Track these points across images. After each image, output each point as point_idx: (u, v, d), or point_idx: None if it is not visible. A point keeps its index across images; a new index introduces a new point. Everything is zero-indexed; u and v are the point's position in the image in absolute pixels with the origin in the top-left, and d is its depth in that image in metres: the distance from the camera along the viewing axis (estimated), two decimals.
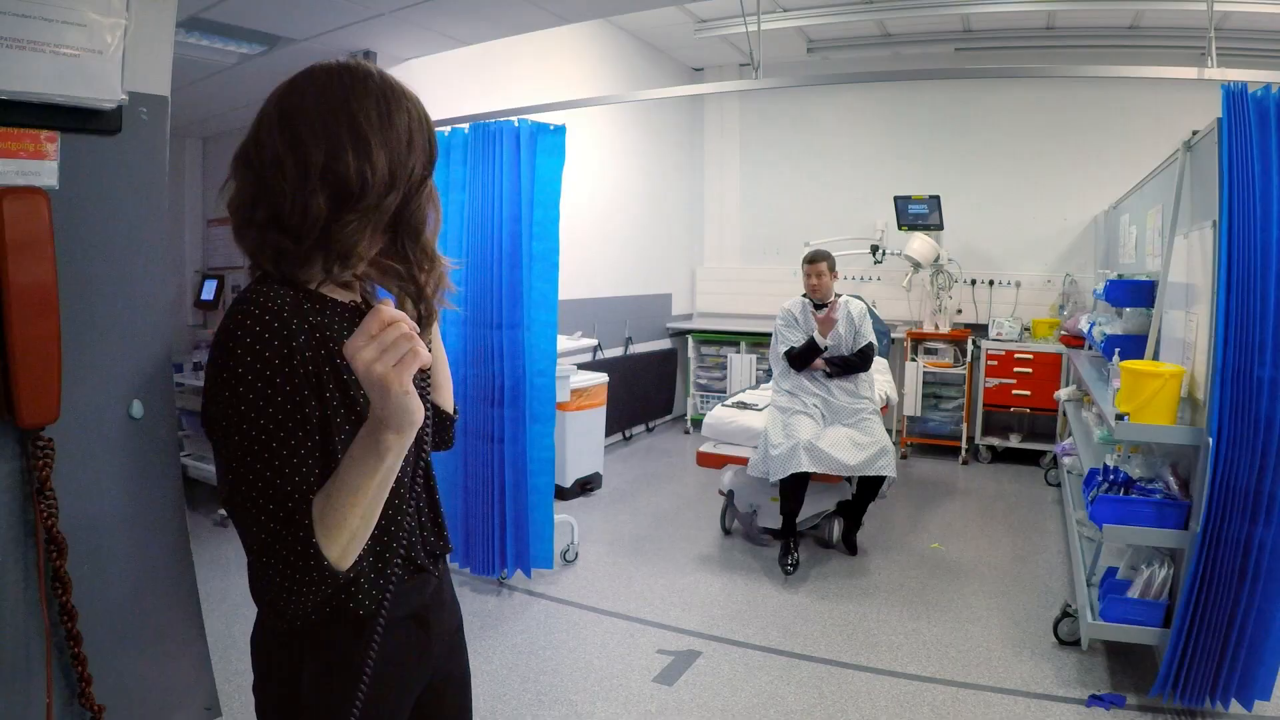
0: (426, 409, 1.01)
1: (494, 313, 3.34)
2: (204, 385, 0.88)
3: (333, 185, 0.89)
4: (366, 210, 0.90)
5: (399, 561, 0.99)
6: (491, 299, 3.34)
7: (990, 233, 6.25)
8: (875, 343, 3.98)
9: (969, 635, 3.11)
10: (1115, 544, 2.86)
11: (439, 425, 1.16)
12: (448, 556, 1.18)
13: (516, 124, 3.30)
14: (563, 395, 4.46)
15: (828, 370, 3.87)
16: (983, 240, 6.27)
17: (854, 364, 3.90)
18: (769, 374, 4.22)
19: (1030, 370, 5.68)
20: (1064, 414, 5.16)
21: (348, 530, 0.84)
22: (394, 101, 0.93)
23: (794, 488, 3.73)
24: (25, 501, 1.68)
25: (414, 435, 0.84)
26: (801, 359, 3.87)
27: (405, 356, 0.78)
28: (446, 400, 1.17)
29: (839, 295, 3.98)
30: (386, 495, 0.86)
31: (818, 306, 3.93)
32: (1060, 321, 5.79)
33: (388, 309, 0.79)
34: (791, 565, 3.74)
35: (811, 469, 3.62)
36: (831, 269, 3.92)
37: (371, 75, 0.94)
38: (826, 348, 3.83)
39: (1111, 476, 2.80)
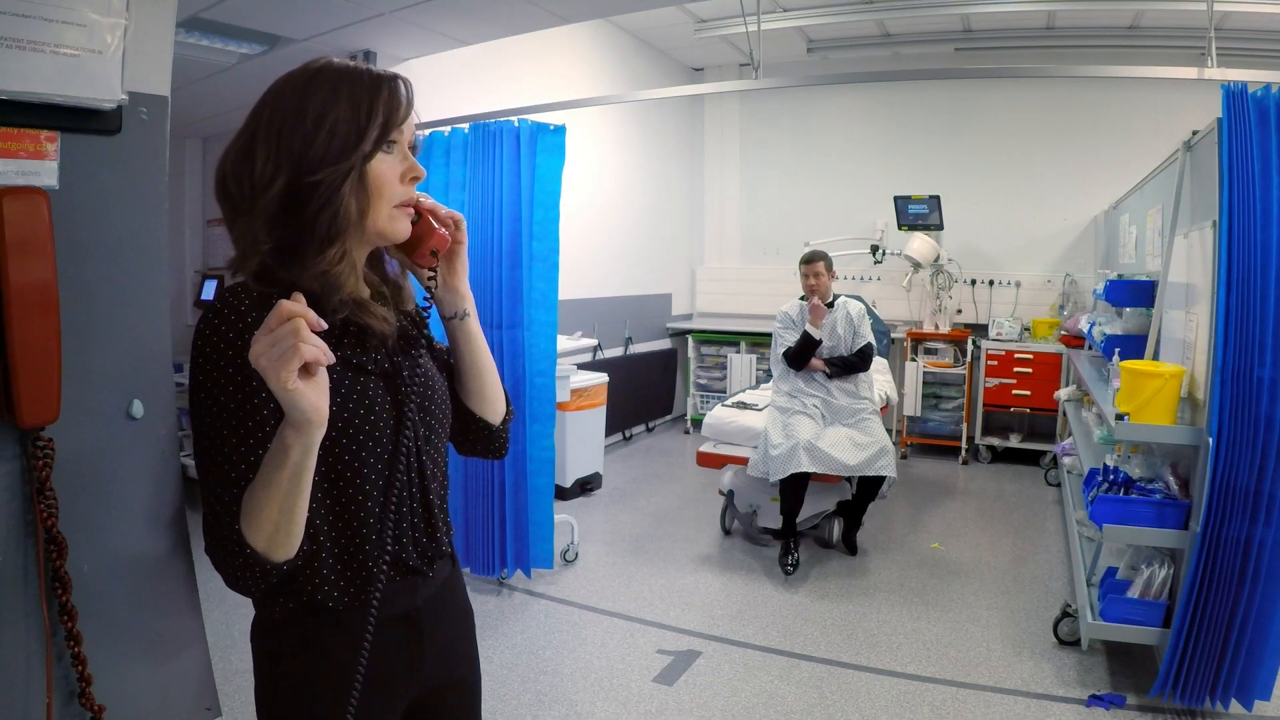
0: (412, 410, 1.01)
1: (494, 313, 3.34)
2: None
3: (226, 195, 0.94)
4: (244, 213, 0.92)
5: (377, 562, 0.97)
6: (491, 299, 3.34)
7: (990, 233, 6.25)
8: (874, 343, 3.98)
9: (969, 635, 3.11)
10: (1115, 544, 2.86)
11: (467, 428, 1.16)
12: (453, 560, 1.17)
13: (516, 124, 3.30)
14: (563, 395, 4.46)
15: (828, 371, 3.87)
16: (983, 240, 6.27)
17: (853, 364, 3.89)
18: (769, 374, 4.23)
19: (1030, 370, 5.68)
20: (1064, 414, 5.16)
21: (268, 522, 0.85)
22: (311, 87, 0.92)
23: (794, 488, 3.73)
24: (25, 501, 1.68)
25: (316, 434, 0.81)
26: (799, 356, 3.86)
27: (286, 352, 0.76)
28: (482, 403, 1.15)
29: (838, 296, 3.99)
30: (304, 491, 0.85)
31: None
32: (1060, 321, 5.79)
33: (288, 303, 0.78)
34: (791, 565, 3.74)
35: (812, 469, 3.62)
36: (829, 269, 3.90)
37: (310, 68, 0.95)
38: (821, 340, 3.84)
39: (1111, 476, 2.80)
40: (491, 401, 1.15)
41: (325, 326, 0.79)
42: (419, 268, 1.05)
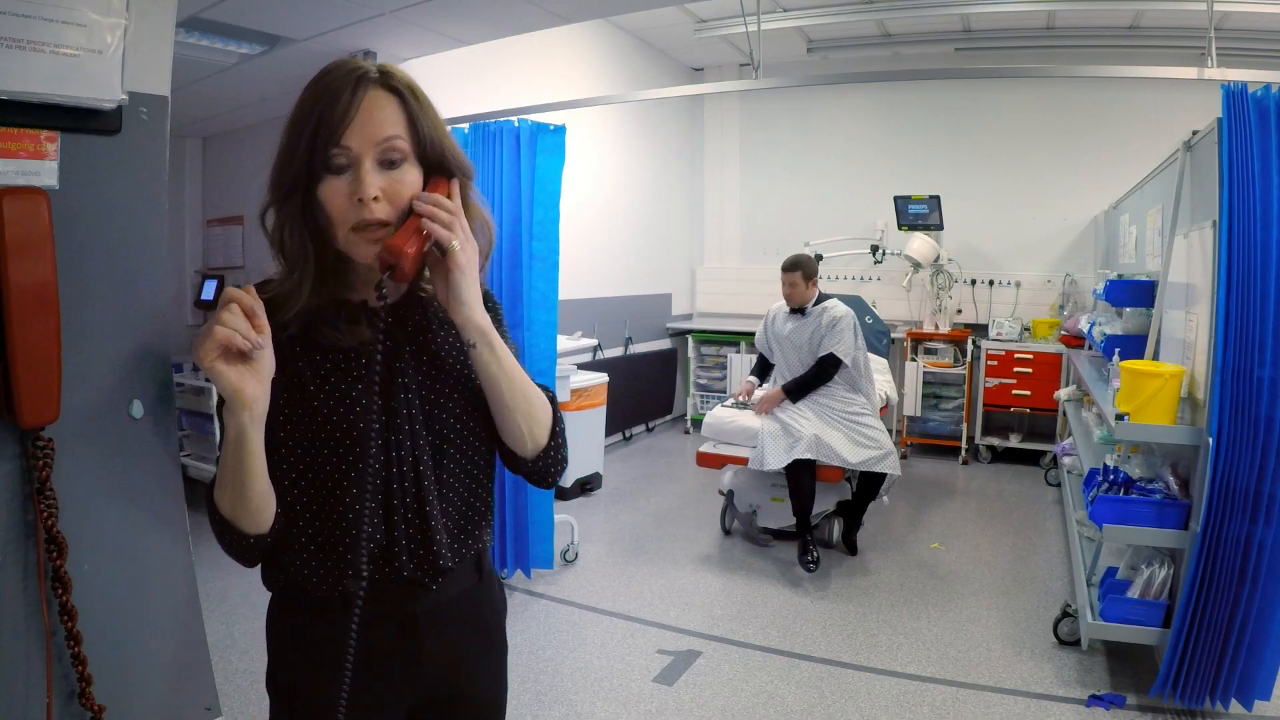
0: (404, 420, 0.99)
1: None
2: None
3: None
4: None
5: (355, 558, 0.97)
6: None
7: (990, 233, 6.25)
8: (839, 354, 3.76)
9: (969, 635, 3.11)
10: (1115, 544, 2.86)
11: (502, 451, 1.09)
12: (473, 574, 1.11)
13: (516, 124, 3.30)
14: (563, 395, 4.46)
15: (789, 399, 3.86)
16: (983, 240, 6.27)
17: (808, 383, 3.82)
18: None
19: (1030, 370, 5.68)
20: (1064, 414, 5.16)
21: (226, 492, 0.93)
22: (294, 109, 0.95)
23: (801, 482, 3.72)
24: (25, 501, 1.68)
25: (243, 416, 0.87)
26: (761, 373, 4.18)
27: (209, 331, 0.84)
28: (505, 435, 1.04)
29: (828, 297, 3.96)
30: (250, 468, 0.90)
31: (793, 312, 3.93)
32: (1060, 321, 5.79)
33: (231, 289, 0.86)
34: (813, 562, 3.72)
35: (811, 456, 3.62)
36: (808, 278, 3.83)
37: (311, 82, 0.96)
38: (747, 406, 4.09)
39: (1111, 476, 2.80)
40: (515, 436, 1.04)
41: (259, 313, 0.86)
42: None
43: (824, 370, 3.81)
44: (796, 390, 3.84)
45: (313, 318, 0.98)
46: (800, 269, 3.83)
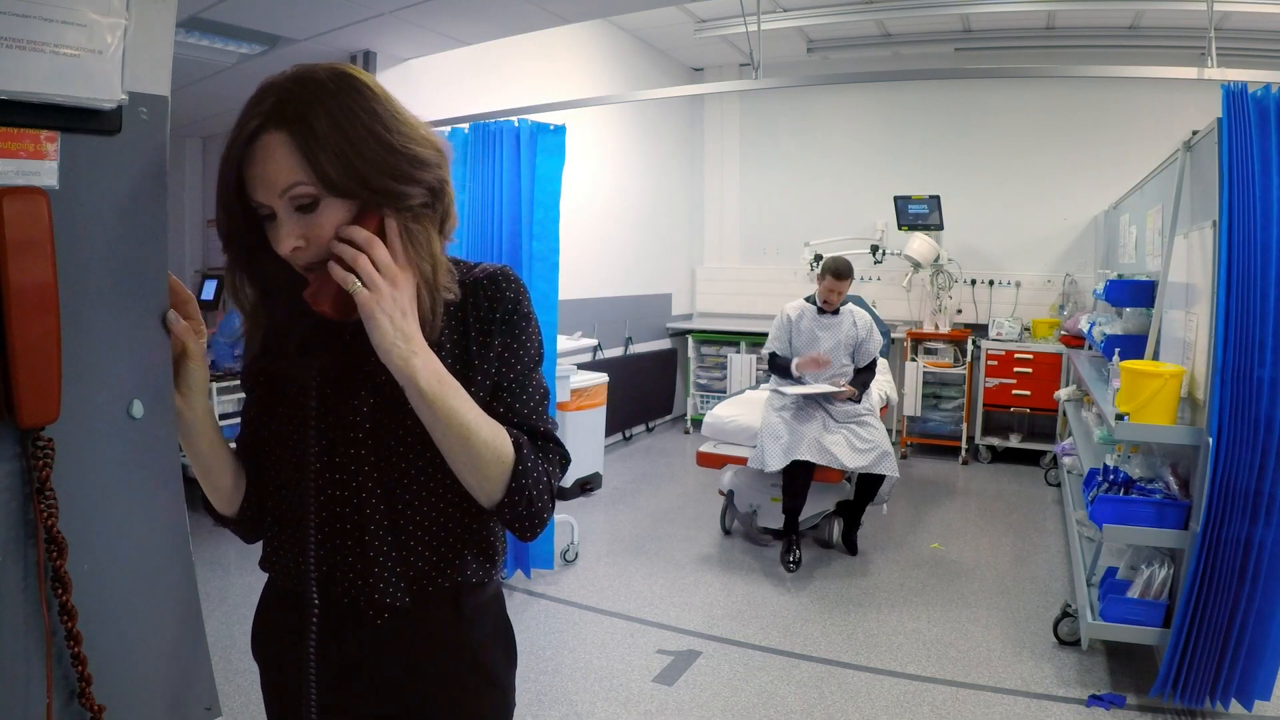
0: (345, 444, 0.95)
1: None
2: None
3: None
4: None
5: (304, 565, 0.98)
6: None
7: (990, 233, 6.25)
8: (878, 355, 4.06)
9: (969, 635, 3.11)
10: (1115, 544, 2.86)
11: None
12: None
13: (516, 124, 3.30)
14: (563, 395, 4.46)
15: (856, 398, 3.89)
16: (983, 240, 6.27)
17: (868, 381, 4.00)
18: (769, 374, 4.25)
19: (1030, 370, 5.68)
20: (1064, 414, 5.16)
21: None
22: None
23: (797, 482, 3.72)
24: (25, 501, 1.68)
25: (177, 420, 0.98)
26: (779, 371, 4.00)
27: None
28: (454, 471, 0.93)
29: (845, 300, 3.98)
30: (194, 449, 1.04)
31: (821, 312, 3.93)
32: (1060, 321, 5.79)
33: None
34: (794, 563, 3.73)
35: (813, 459, 3.63)
36: (850, 283, 3.96)
37: None
38: (801, 379, 3.90)
39: (1111, 476, 2.80)
40: (466, 485, 0.94)
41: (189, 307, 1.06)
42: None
43: (874, 370, 4.03)
44: (862, 387, 3.94)
45: (283, 340, 1.00)
46: (850, 277, 3.91)
